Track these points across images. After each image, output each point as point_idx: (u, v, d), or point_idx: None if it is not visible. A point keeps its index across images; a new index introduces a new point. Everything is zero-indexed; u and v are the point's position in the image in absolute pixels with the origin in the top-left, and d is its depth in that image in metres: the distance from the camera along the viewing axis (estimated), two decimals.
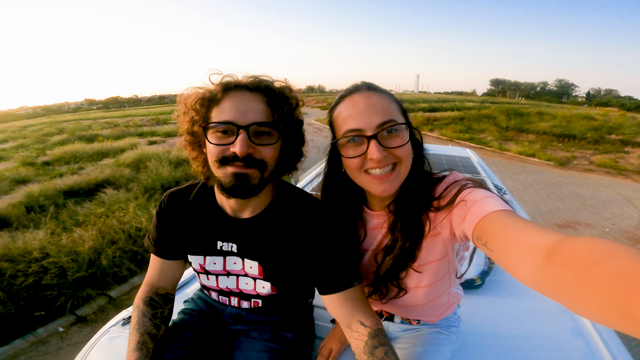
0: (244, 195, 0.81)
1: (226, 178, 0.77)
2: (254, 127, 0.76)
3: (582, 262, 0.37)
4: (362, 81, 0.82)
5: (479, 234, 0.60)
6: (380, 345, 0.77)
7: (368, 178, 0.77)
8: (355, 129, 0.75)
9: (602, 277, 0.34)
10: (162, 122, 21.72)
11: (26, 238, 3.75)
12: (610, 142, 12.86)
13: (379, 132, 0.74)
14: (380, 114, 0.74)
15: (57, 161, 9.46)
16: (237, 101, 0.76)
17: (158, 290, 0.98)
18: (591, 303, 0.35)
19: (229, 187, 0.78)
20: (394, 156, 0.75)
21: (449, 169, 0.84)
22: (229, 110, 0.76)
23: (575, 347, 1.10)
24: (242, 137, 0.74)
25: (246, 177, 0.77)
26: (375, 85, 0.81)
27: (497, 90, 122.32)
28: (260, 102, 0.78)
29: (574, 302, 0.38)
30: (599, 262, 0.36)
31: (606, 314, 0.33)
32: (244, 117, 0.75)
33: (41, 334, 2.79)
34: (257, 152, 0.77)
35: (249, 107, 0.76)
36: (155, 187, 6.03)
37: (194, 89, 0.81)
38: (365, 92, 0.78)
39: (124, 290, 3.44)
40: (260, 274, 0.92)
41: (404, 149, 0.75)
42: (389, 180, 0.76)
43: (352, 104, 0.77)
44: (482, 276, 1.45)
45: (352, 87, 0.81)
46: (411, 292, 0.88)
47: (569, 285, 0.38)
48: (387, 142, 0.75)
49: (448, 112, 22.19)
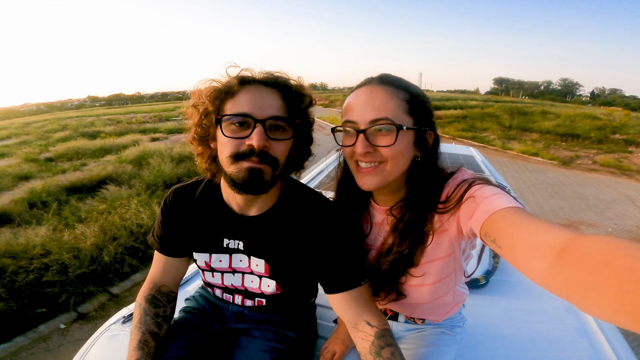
0: (257, 191, 0.80)
1: (240, 173, 0.76)
2: (270, 121, 0.75)
3: (594, 261, 0.37)
4: (380, 73, 0.80)
5: (487, 230, 0.59)
6: (387, 345, 0.76)
7: (354, 168, 0.80)
8: (350, 121, 0.77)
9: (615, 276, 0.34)
10: (164, 118, 21.74)
11: (28, 234, 3.76)
12: (614, 141, 12.81)
13: (368, 127, 0.74)
14: (376, 110, 0.73)
15: (59, 157, 9.49)
16: (254, 95, 0.76)
17: (161, 289, 0.97)
18: (603, 303, 0.34)
19: (242, 183, 0.77)
20: (379, 154, 0.75)
21: (454, 167, 0.83)
22: (245, 103, 0.75)
23: (580, 348, 1.09)
24: (259, 130, 0.74)
25: (260, 173, 0.76)
26: (391, 78, 0.78)
27: (501, 89, 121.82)
28: (277, 97, 0.78)
29: (585, 301, 0.37)
30: (611, 261, 0.35)
31: (618, 314, 0.33)
32: (261, 111, 0.74)
33: (42, 330, 2.80)
34: (272, 148, 0.77)
35: (265, 101, 0.76)
36: (157, 184, 6.05)
37: (208, 81, 0.79)
38: (373, 86, 0.76)
39: (126, 287, 3.44)
40: (266, 272, 0.91)
41: (391, 149, 0.73)
42: (371, 174, 0.76)
43: (356, 95, 0.78)
44: (486, 276, 1.44)
45: (368, 78, 0.80)
46: (416, 290, 0.87)
47: (580, 285, 0.37)
48: (375, 140, 0.74)
49: (451, 111, 22.11)
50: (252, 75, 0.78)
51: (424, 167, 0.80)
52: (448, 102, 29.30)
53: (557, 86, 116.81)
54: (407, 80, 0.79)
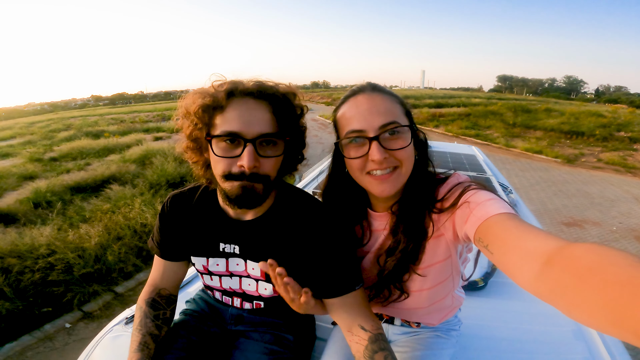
0: (251, 205, 0.81)
1: (233, 190, 0.77)
2: (260, 139, 0.75)
3: (580, 269, 0.37)
4: (367, 82, 0.81)
5: (480, 236, 0.60)
6: (380, 349, 0.77)
7: (369, 179, 0.77)
8: (357, 130, 0.75)
9: (599, 283, 0.34)
10: (167, 117, 21.79)
11: (33, 234, 3.80)
12: (619, 139, 12.71)
13: (380, 133, 0.74)
14: (383, 115, 0.74)
15: (64, 157, 9.56)
16: (242, 110, 0.75)
17: (161, 292, 0.99)
18: (585, 308, 0.35)
19: (235, 198, 0.78)
20: (395, 158, 0.75)
21: (454, 167, 0.84)
22: (234, 120, 0.74)
23: (576, 351, 1.10)
24: (249, 150, 0.73)
25: (253, 190, 0.77)
26: (380, 86, 0.80)
27: (504, 87, 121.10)
28: (266, 111, 0.76)
29: (569, 307, 0.38)
30: (597, 268, 0.36)
31: (600, 319, 0.33)
32: (249, 128, 0.74)
33: (48, 329, 2.84)
34: (262, 166, 0.77)
35: (254, 116, 0.75)
36: (160, 183, 6.09)
37: (195, 94, 0.78)
38: (369, 93, 0.77)
39: (130, 286, 3.47)
40: (262, 276, 0.92)
41: (406, 151, 0.75)
42: (389, 180, 0.76)
43: (355, 105, 0.77)
44: (485, 278, 1.44)
45: (356, 87, 0.81)
46: (414, 295, 0.87)
47: (566, 291, 0.38)
48: (389, 144, 0.74)
49: (454, 108, 22.04)
50: (240, 87, 0.76)
51: (421, 165, 0.81)
52: (451, 99, 29.19)
53: (561, 84, 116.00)
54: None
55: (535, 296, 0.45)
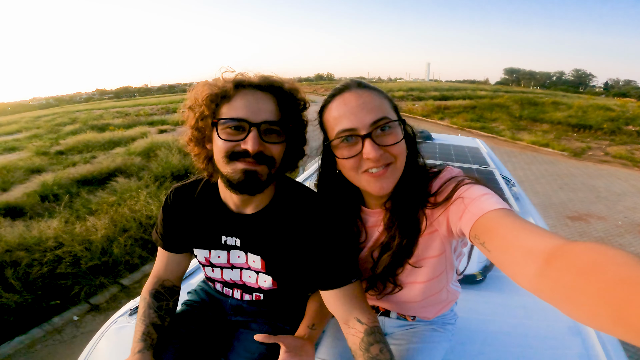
0: (253, 191, 0.83)
1: (235, 174, 0.78)
2: (264, 126, 0.77)
3: (581, 268, 0.37)
4: (351, 79, 0.81)
5: (476, 233, 0.60)
6: (376, 342, 0.79)
7: (366, 177, 0.77)
8: (348, 129, 0.74)
9: (599, 282, 0.34)
10: (172, 110, 21.82)
11: (41, 227, 3.85)
12: (627, 133, 12.54)
13: (372, 130, 0.73)
14: (373, 111, 0.74)
15: (70, 150, 9.60)
16: (249, 99, 0.78)
17: (164, 283, 1.02)
18: (587, 308, 0.35)
19: (237, 183, 0.79)
20: (389, 154, 0.75)
21: (458, 160, 0.83)
22: (241, 108, 0.77)
23: (571, 345, 1.10)
24: (254, 134, 0.76)
25: (255, 174, 0.79)
26: (365, 82, 0.80)
27: (511, 80, 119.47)
28: (271, 102, 0.80)
29: (570, 307, 0.38)
30: (598, 268, 0.36)
31: (601, 319, 0.33)
32: (255, 115, 0.77)
33: (57, 322, 2.88)
34: (267, 149, 0.79)
35: (260, 105, 0.78)
36: (165, 175, 6.12)
37: (204, 84, 0.81)
38: (356, 90, 0.77)
39: (136, 278, 3.52)
40: (262, 268, 0.94)
41: (399, 145, 0.75)
42: (385, 176, 0.75)
43: (343, 103, 0.76)
44: (483, 272, 1.44)
45: (341, 85, 0.80)
46: (408, 289, 0.88)
47: (567, 290, 0.38)
48: (382, 140, 0.74)
49: (459, 101, 21.80)
50: (248, 79, 0.80)
51: (412, 158, 0.81)
52: (457, 92, 28.88)
53: (569, 77, 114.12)
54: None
55: (535, 296, 0.44)
